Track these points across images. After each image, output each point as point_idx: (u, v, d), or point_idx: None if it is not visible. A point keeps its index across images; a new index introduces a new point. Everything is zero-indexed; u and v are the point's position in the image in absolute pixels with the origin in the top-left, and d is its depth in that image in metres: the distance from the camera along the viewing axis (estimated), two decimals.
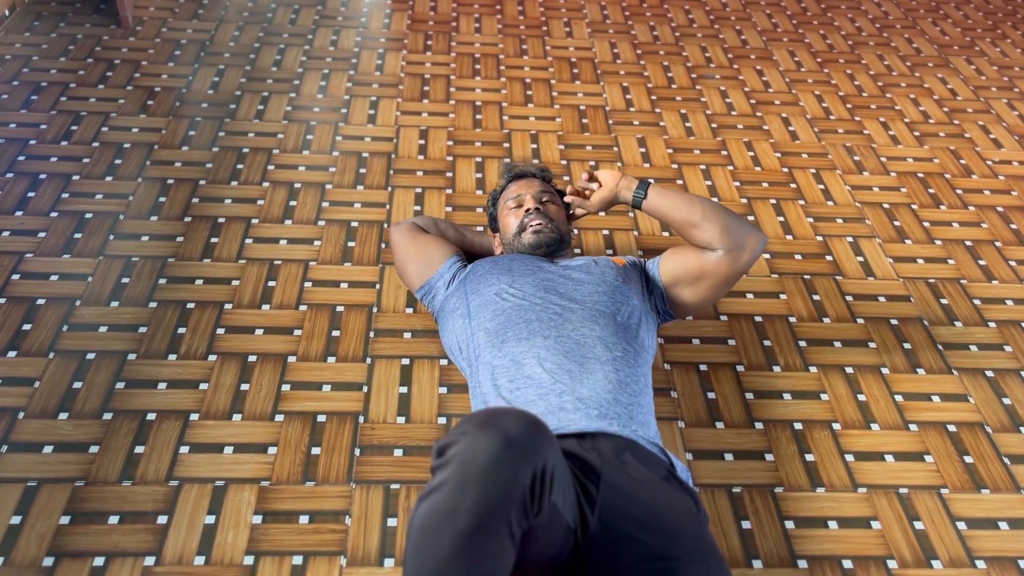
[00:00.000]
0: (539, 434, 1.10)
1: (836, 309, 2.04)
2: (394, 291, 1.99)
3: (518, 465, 1.06)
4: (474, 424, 1.10)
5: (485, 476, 1.04)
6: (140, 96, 2.58)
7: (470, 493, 1.04)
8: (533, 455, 1.08)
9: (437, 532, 1.04)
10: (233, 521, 1.50)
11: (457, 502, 1.03)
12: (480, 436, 1.07)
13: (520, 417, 1.11)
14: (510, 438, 1.07)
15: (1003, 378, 1.90)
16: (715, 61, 3.01)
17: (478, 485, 1.04)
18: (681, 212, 1.67)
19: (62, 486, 1.53)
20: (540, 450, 1.09)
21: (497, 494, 1.04)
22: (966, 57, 3.17)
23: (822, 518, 1.58)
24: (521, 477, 1.06)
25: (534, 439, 1.09)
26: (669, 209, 1.69)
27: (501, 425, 1.08)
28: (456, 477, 1.05)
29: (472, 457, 1.05)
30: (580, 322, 1.56)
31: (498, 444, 1.06)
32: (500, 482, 1.04)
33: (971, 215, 2.38)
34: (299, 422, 1.68)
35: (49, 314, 1.86)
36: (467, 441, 1.07)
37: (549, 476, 1.10)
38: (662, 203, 1.70)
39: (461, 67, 2.87)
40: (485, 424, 1.09)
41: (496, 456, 1.05)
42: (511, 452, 1.06)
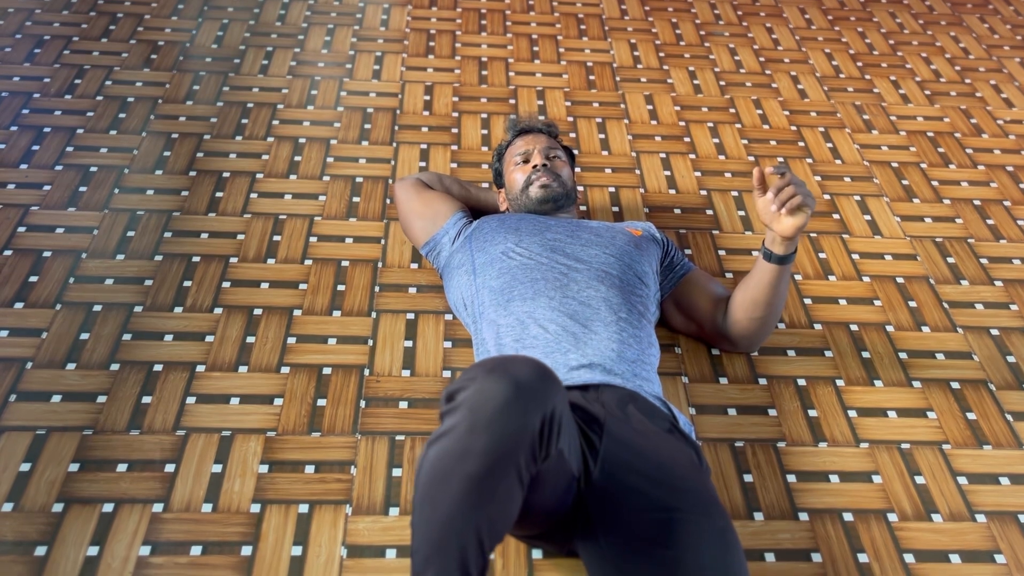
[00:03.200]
0: (548, 380, 1.11)
1: (842, 267, 2.03)
2: (399, 246, 1.99)
3: (527, 409, 1.07)
4: (484, 370, 1.10)
5: (495, 420, 1.05)
6: (144, 50, 2.56)
7: (481, 437, 1.04)
8: (542, 400, 1.08)
9: (447, 476, 1.04)
10: (240, 470, 1.52)
11: (468, 446, 1.04)
12: (490, 381, 1.07)
13: (529, 363, 1.11)
14: (520, 383, 1.07)
15: (1008, 336, 1.90)
16: (724, 18, 2.97)
17: (488, 429, 1.04)
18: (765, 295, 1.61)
19: (71, 434, 1.55)
20: (549, 395, 1.10)
21: (507, 438, 1.05)
22: (979, 15, 3.12)
23: (823, 472, 1.59)
24: (531, 421, 1.07)
25: (543, 384, 1.09)
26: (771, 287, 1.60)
27: (510, 370, 1.09)
28: (466, 421, 1.05)
29: (482, 401, 1.06)
30: (586, 283, 1.56)
31: (508, 388, 1.06)
32: (510, 426, 1.05)
33: (980, 174, 2.36)
34: (305, 374, 1.69)
35: (56, 266, 1.86)
36: (477, 386, 1.08)
37: (557, 422, 1.11)
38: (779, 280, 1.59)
39: (467, 23, 2.84)
40: (495, 370, 1.09)
41: (506, 400, 1.06)
42: (521, 396, 1.06)
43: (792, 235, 1.52)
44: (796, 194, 1.49)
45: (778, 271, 1.58)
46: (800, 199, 1.48)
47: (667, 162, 2.31)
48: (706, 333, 1.75)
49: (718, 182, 2.25)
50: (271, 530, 1.43)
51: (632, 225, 1.79)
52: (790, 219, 1.50)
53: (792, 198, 1.49)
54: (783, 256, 1.56)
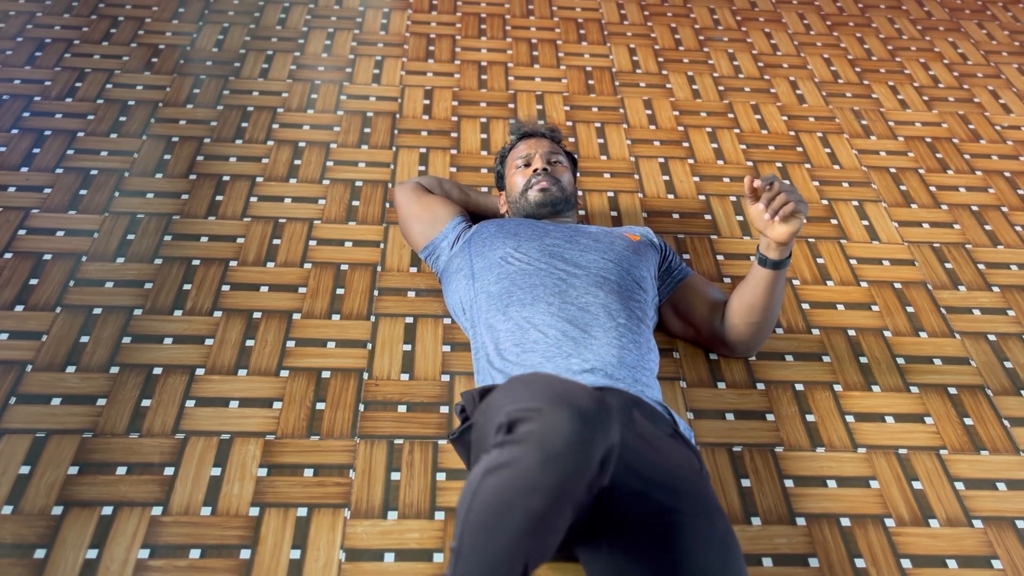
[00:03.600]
0: (609, 412, 1.10)
1: (840, 272, 2.04)
2: (398, 250, 1.99)
3: (594, 444, 1.06)
4: (547, 400, 1.08)
5: (564, 458, 1.04)
6: (144, 53, 2.57)
7: (549, 474, 1.03)
8: (606, 433, 1.08)
9: (511, 509, 1.03)
10: (239, 473, 1.52)
11: (536, 482, 1.03)
12: (558, 416, 1.06)
13: (588, 393, 1.11)
14: (586, 418, 1.06)
15: (1005, 342, 1.90)
16: (723, 23, 2.98)
17: (557, 467, 1.03)
18: (762, 301, 1.61)
19: (70, 437, 1.55)
20: (611, 428, 1.09)
21: (575, 474, 1.04)
22: (978, 21, 3.13)
23: (821, 477, 1.60)
24: (595, 457, 1.07)
25: (607, 418, 1.09)
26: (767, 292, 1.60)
27: (575, 403, 1.07)
28: (535, 456, 1.04)
29: (552, 438, 1.04)
30: (584, 288, 1.57)
31: (577, 424, 1.05)
32: (579, 462, 1.05)
33: (978, 180, 2.37)
34: (304, 378, 1.69)
35: (56, 269, 1.87)
36: (545, 421, 1.06)
37: (614, 452, 1.11)
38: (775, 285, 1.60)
39: (467, 27, 2.85)
40: (559, 400, 1.08)
41: (576, 438, 1.05)
42: (588, 432, 1.06)
43: (786, 241, 1.52)
44: (788, 201, 1.49)
45: (773, 276, 1.58)
46: (792, 206, 1.49)
47: (666, 167, 2.31)
48: (704, 338, 1.76)
49: (716, 187, 2.26)
50: (270, 533, 1.43)
51: (630, 230, 1.79)
52: (783, 226, 1.51)
53: (784, 205, 1.49)
54: (777, 261, 1.57)
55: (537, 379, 1.16)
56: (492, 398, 1.25)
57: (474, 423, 1.36)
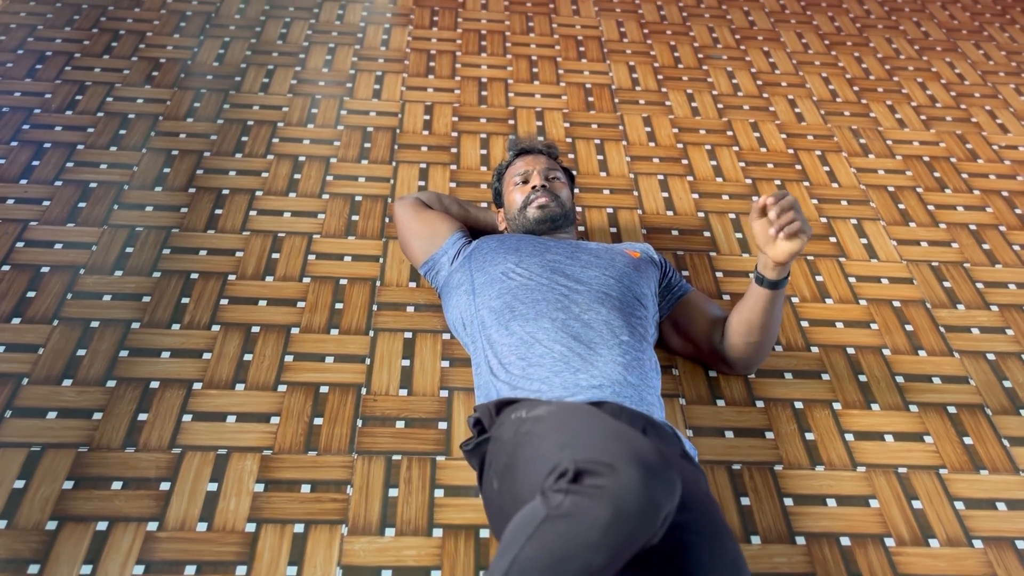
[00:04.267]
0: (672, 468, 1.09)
1: (839, 290, 2.04)
2: (397, 265, 1.99)
3: (662, 507, 1.06)
4: (618, 456, 1.07)
5: (634, 518, 1.03)
6: (145, 67, 2.58)
7: (617, 534, 1.03)
8: (671, 495, 1.07)
9: (567, 561, 1.03)
10: (235, 489, 1.51)
11: (601, 540, 1.02)
12: (631, 474, 1.05)
13: (655, 450, 1.10)
14: (657, 478, 1.06)
15: (1004, 361, 1.90)
16: (722, 42, 2.99)
17: (626, 527, 1.03)
18: (760, 319, 1.61)
19: (66, 451, 1.54)
20: (675, 488, 1.08)
21: (639, 535, 1.05)
22: (974, 42, 3.15)
23: (821, 496, 1.59)
24: (661, 517, 1.06)
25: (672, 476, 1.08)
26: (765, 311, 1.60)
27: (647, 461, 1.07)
28: (606, 515, 1.02)
29: (625, 498, 1.03)
30: (587, 304, 1.56)
31: (648, 488, 1.05)
32: (645, 523, 1.05)
33: (976, 199, 2.37)
34: (302, 393, 1.68)
35: (53, 282, 1.86)
36: (618, 479, 1.05)
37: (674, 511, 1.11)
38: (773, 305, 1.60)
39: (467, 43, 2.86)
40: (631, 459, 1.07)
41: (647, 500, 1.04)
42: (657, 494, 1.05)
43: (786, 261, 1.52)
44: (795, 219, 1.49)
45: (771, 296, 1.58)
46: (799, 224, 1.49)
47: (665, 184, 2.32)
48: (704, 355, 1.76)
49: (716, 204, 2.26)
50: (266, 550, 1.42)
51: (631, 247, 1.79)
52: (786, 244, 1.50)
53: (791, 223, 1.49)
54: (775, 281, 1.56)
55: (595, 422, 1.15)
56: (534, 429, 1.23)
57: (492, 437, 1.35)
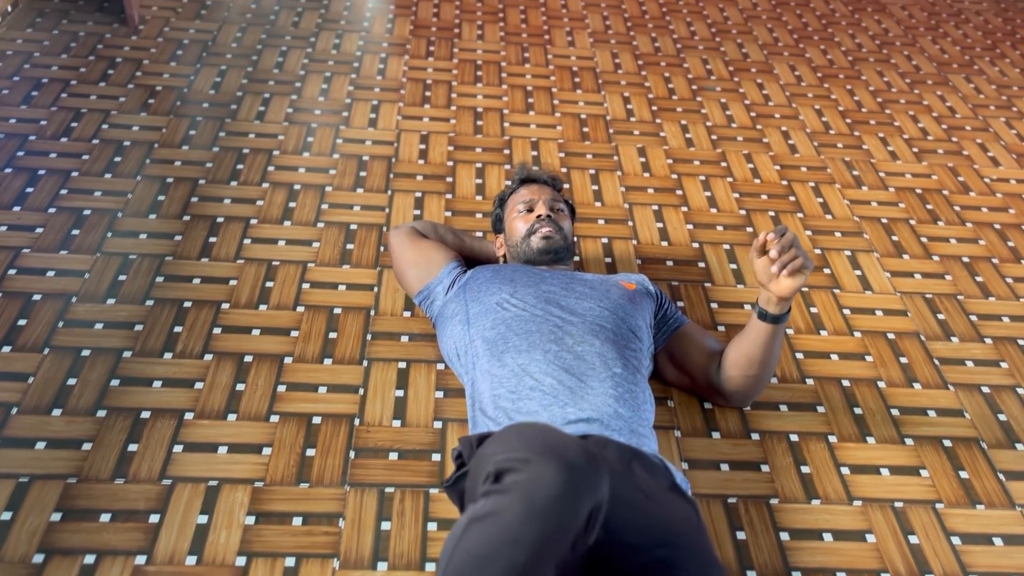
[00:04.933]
0: (597, 466, 1.09)
1: (834, 322, 2.04)
2: (392, 294, 1.98)
3: (581, 499, 1.05)
4: (536, 452, 1.07)
5: (550, 511, 1.02)
6: (141, 95, 2.58)
7: (533, 527, 1.01)
8: (594, 489, 1.07)
9: (492, 561, 1.01)
10: (226, 521, 1.49)
11: (519, 535, 1.01)
12: (545, 468, 1.04)
13: (579, 447, 1.09)
14: (574, 470, 1.05)
15: (999, 394, 1.90)
16: (716, 73, 3.02)
17: (541, 519, 1.02)
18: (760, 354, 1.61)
19: (54, 483, 1.52)
20: (599, 485, 1.08)
21: (559, 530, 1.03)
22: (965, 75, 3.19)
23: (817, 530, 1.58)
24: (582, 511, 1.05)
25: (592, 470, 1.08)
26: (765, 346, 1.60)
27: (564, 455, 1.06)
28: (520, 508, 1.02)
29: (537, 490, 1.03)
30: (580, 336, 1.56)
31: (564, 477, 1.04)
32: (563, 518, 1.03)
33: (968, 231, 2.39)
34: (294, 423, 1.67)
35: (45, 310, 1.85)
36: (532, 472, 1.05)
37: (602, 509, 1.10)
38: (773, 339, 1.60)
39: (463, 73, 2.87)
40: (548, 453, 1.06)
41: (563, 491, 1.03)
42: (575, 486, 1.04)
43: (789, 296, 1.53)
44: (797, 256, 1.50)
45: (772, 330, 1.58)
46: (801, 261, 1.50)
47: (659, 214, 2.32)
48: (699, 387, 1.75)
49: (710, 235, 2.27)
50: None
51: (626, 278, 1.79)
52: (788, 281, 1.51)
53: (794, 260, 1.49)
54: (777, 316, 1.57)
55: (530, 429, 1.15)
56: (485, 446, 1.23)
57: (469, 470, 1.35)
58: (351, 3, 3.25)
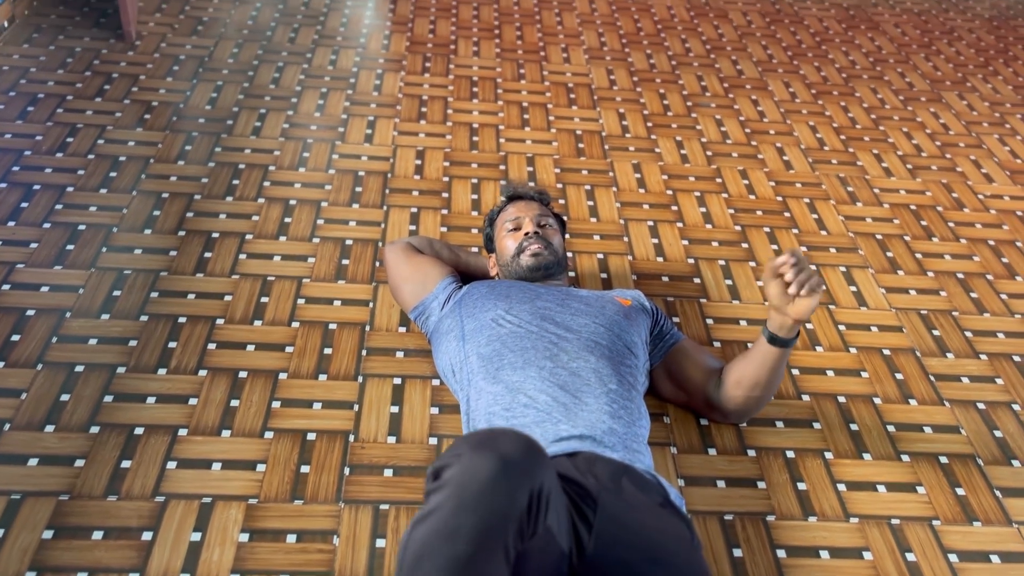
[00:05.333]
0: (535, 454, 1.09)
1: (829, 338, 2.04)
2: (387, 310, 1.98)
3: (515, 486, 1.05)
4: (470, 445, 1.08)
5: (483, 498, 1.03)
6: (137, 110, 2.58)
7: (468, 516, 1.02)
8: (530, 476, 1.07)
9: (434, 556, 1.02)
10: (219, 539, 1.48)
11: (455, 526, 1.02)
12: (476, 458, 1.06)
13: (515, 437, 1.10)
14: (507, 459, 1.06)
15: (994, 410, 1.90)
16: (711, 90, 3.03)
17: (476, 508, 1.02)
18: (767, 377, 1.61)
19: (46, 500, 1.51)
20: (536, 471, 1.08)
21: (495, 516, 1.03)
22: (958, 92, 3.21)
23: (814, 547, 1.57)
24: (519, 498, 1.05)
25: (530, 459, 1.08)
26: (773, 369, 1.60)
27: (497, 446, 1.07)
28: (453, 500, 1.03)
29: (469, 479, 1.04)
30: (576, 352, 1.56)
31: (495, 465, 1.05)
32: (498, 504, 1.03)
33: (963, 248, 2.39)
34: (289, 439, 1.66)
35: (39, 325, 1.84)
36: (463, 463, 1.06)
37: (545, 497, 1.09)
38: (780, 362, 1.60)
39: (459, 89, 2.88)
40: (481, 445, 1.07)
41: (493, 477, 1.04)
42: (508, 473, 1.05)
43: (805, 318, 1.52)
44: (813, 275, 1.50)
45: (781, 354, 1.58)
46: (817, 279, 1.50)
47: (655, 230, 2.33)
48: (695, 403, 1.75)
49: (705, 251, 2.27)
50: None
51: (622, 294, 1.79)
52: (805, 301, 1.50)
53: (811, 279, 1.49)
54: (787, 340, 1.57)
55: (477, 431, 1.16)
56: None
57: None
58: (347, 19, 3.26)
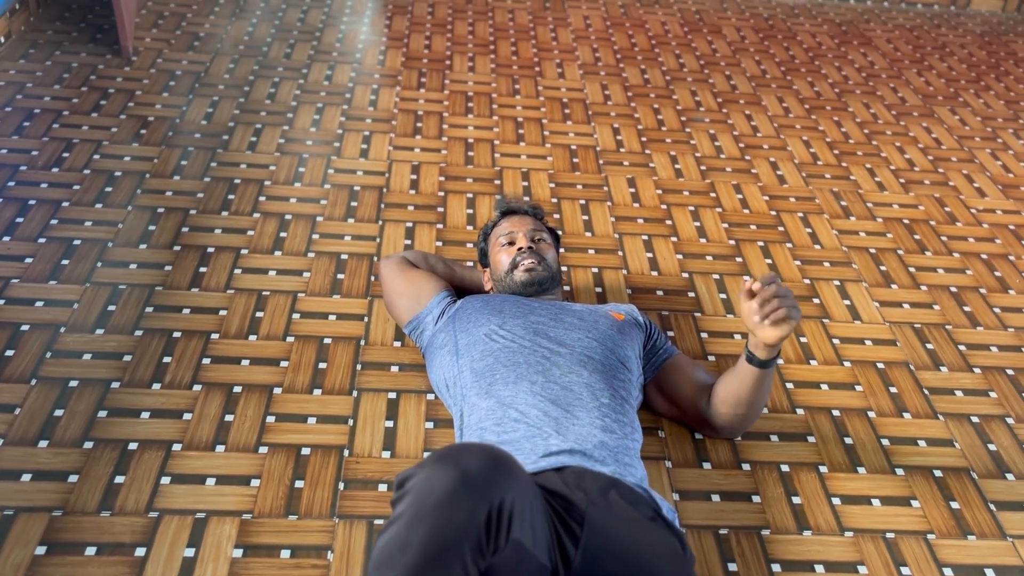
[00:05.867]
0: (499, 469, 1.09)
1: (823, 352, 2.04)
2: (382, 324, 1.98)
3: (473, 501, 1.05)
4: (435, 457, 1.09)
5: (438, 510, 1.03)
6: (133, 125, 2.59)
7: (421, 527, 1.03)
8: (489, 491, 1.07)
9: (390, 566, 1.03)
10: (213, 554, 1.47)
11: (409, 536, 1.03)
12: (436, 470, 1.07)
13: (481, 452, 1.10)
14: (467, 473, 1.06)
15: (988, 424, 1.90)
16: (705, 105, 3.05)
17: (429, 519, 1.03)
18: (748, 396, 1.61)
19: (39, 515, 1.50)
20: (497, 486, 1.08)
21: (448, 529, 1.03)
22: (950, 107, 3.23)
23: (809, 561, 1.57)
24: (476, 513, 1.05)
25: (493, 474, 1.08)
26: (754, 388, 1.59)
27: (460, 460, 1.08)
28: (410, 511, 1.05)
29: (427, 491, 1.05)
30: (568, 367, 1.56)
31: (453, 479, 1.05)
32: (453, 517, 1.04)
33: (956, 262, 2.40)
34: (283, 454, 1.66)
35: (33, 340, 1.84)
36: (424, 475, 1.07)
37: (507, 513, 1.09)
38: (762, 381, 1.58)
39: (454, 104, 2.90)
40: (444, 458, 1.08)
41: (450, 491, 1.04)
42: (466, 487, 1.05)
43: (775, 344, 1.50)
44: (781, 307, 1.46)
45: (761, 374, 1.57)
46: (784, 312, 1.45)
47: (649, 244, 2.34)
48: (689, 418, 1.75)
49: (700, 265, 2.28)
50: None
51: (615, 308, 1.80)
52: (772, 329, 1.48)
53: (776, 311, 1.46)
54: (764, 361, 1.55)
55: (450, 444, 1.16)
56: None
57: None
58: (343, 35, 3.28)
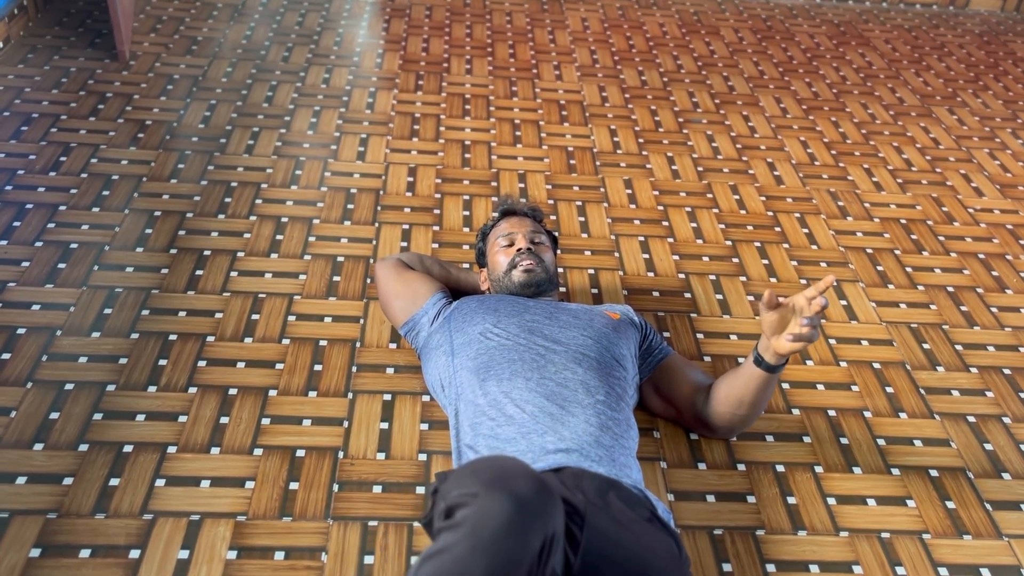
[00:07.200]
0: (548, 497, 1.09)
1: (820, 352, 2.04)
2: (378, 326, 1.98)
3: (530, 531, 1.04)
4: (484, 484, 1.07)
5: (497, 542, 1.02)
6: (131, 129, 2.60)
7: (481, 560, 1.01)
8: (544, 521, 1.06)
9: None
10: (207, 556, 1.47)
11: (468, 569, 1.01)
12: (493, 500, 1.05)
13: (530, 478, 1.09)
14: (523, 502, 1.05)
15: (985, 424, 1.90)
16: (702, 106, 3.05)
17: (490, 551, 1.02)
18: (751, 397, 1.61)
19: (34, 518, 1.50)
20: (550, 515, 1.08)
21: (508, 561, 1.02)
22: (948, 107, 3.23)
23: (804, 562, 1.57)
24: (532, 543, 1.04)
25: (545, 503, 1.07)
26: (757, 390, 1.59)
27: (513, 487, 1.06)
28: (467, 542, 1.02)
29: (485, 522, 1.03)
30: (563, 364, 1.56)
31: (511, 509, 1.04)
32: (512, 549, 1.03)
33: (953, 261, 2.40)
34: (278, 456, 1.66)
35: (29, 343, 1.84)
36: (479, 505, 1.05)
37: (557, 541, 1.09)
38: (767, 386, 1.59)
39: (451, 107, 2.90)
40: (496, 485, 1.07)
41: (510, 522, 1.03)
42: (523, 517, 1.04)
43: (786, 355, 1.52)
44: (809, 325, 1.44)
45: (767, 378, 1.58)
46: (809, 331, 1.45)
47: (646, 245, 2.34)
48: (684, 418, 1.75)
49: (696, 266, 2.28)
50: None
51: (611, 308, 1.80)
52: (790, 344, 1.47)
53: (803, 328, 1.44)
54: (774, 366, 1.56)
55: (487, 463, 1.15)
56: (446, 483, 1.23)
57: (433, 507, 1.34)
58: (341, 38, 3.29)
